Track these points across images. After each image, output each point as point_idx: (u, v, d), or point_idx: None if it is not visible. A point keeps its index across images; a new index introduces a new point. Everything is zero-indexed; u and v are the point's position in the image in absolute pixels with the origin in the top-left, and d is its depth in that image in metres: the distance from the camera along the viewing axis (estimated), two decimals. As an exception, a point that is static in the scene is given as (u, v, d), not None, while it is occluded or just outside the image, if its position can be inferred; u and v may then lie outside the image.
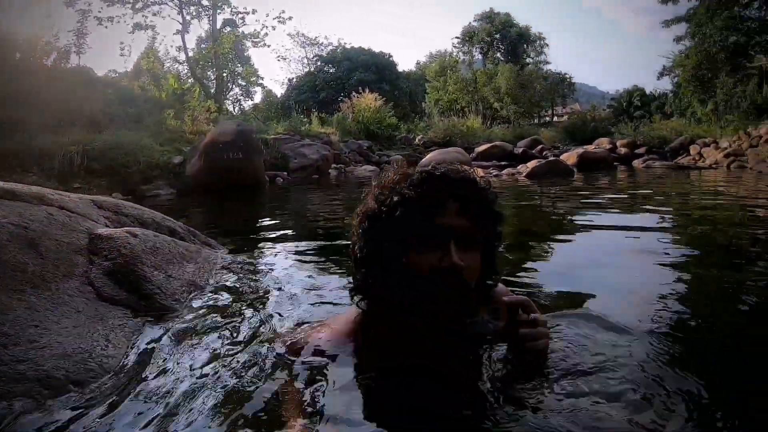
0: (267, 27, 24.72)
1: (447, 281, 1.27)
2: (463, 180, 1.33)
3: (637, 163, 16.96)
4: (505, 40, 50.59)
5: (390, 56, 51.79)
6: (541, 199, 7.61)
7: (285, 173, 12.59)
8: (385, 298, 1.35)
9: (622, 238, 4.12)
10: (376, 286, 1.37)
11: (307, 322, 1.82)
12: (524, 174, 10.97)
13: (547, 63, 48.09)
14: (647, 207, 6.34)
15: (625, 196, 7.90)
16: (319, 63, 49.53)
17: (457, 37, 52.04)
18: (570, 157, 15.06)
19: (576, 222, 5.17)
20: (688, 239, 4.14)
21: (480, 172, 6.51)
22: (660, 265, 2.91)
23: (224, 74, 26.14)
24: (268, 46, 25.33)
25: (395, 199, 1.32)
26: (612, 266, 3.16)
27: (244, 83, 33.59)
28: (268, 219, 6.15)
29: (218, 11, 24.35)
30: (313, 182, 11.89)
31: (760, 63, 23.10)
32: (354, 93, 23.14)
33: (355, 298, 1.43)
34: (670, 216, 5.57)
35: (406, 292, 1.29)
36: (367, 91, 23.08)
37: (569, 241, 4.13)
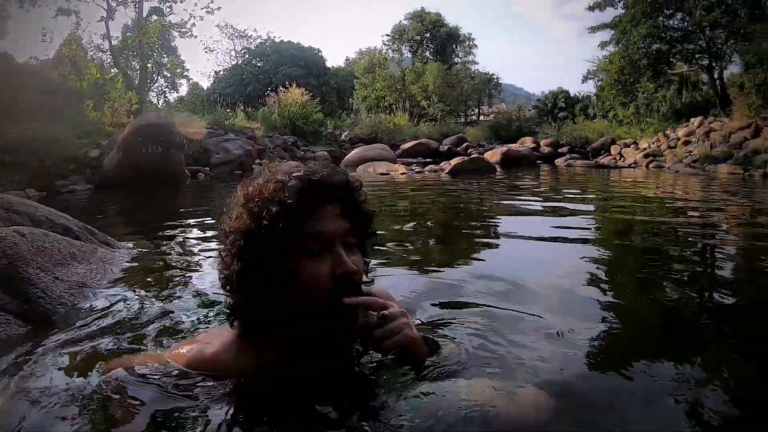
0: (195, 17, 24.03)
1: (343, 286, 1.25)
2: (341, 182, 1.32)
3: (559, 161, 17.68)
4: (434, 39, 51.30)
5: (319, 51, 51.48)
6: (461, 194, 7.77)
7: (207, 168, 12.32)
8: (270, 315, 1.27)
9: (539, 232, 4.20)
10: (260, 304, 1.28)
11: (199, 329, 1.77)
12: (446, 171, 11.17)
13: (475, 63, 49.11)
14: (565, 202, 6.63)
15: (544, 191, 8.26)
16: (247, 56, 48.64)
17: (387, 35, 52.34)
18: (494, 154, 15.52)
19: (493, 218, 5.34)
20: (605, 232, 4.37)
21: (401, 168, 6.68)
22: (581, 259, 3.05)
23: (149, 65, 25.19)
24: (195, 36, 24.62)
25: (274, 209, 1.24)
26: (530, 261, 3.24)
27: (169, 75, 32.49)
28: (183, 215, 5.97)
29: (146, -1, 23.40)
30: (236, 178, 11.66)
31: (680, 70, 24.53)
32: (281, 87, 22.88)
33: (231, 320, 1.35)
34: (590, 211, 5.86)
35: (296, 304, 1.26)
36: (294, 85, 22.85)
37: (486, 237, 4.21)
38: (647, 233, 4.43)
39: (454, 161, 11.68)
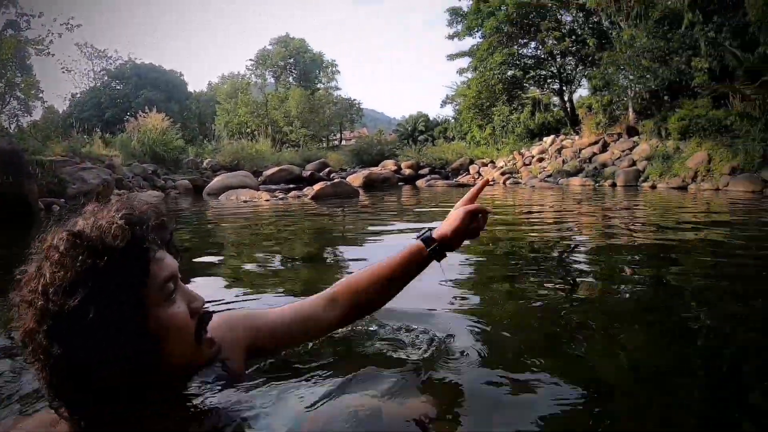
0: (53, 33, 22.51)
1: (202, 320, 1.20)
2: (162, 219, 1.20)
3: (420, 182, 18.55)
4: (298, 65, 51.95)
5: (181, 75, 50.22)
6: (324, 219, 7.99)
7: (62, 200, 11.82)
8: (114, 380, 1.03)
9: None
10: (123, 386, 1.05)
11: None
12: (309, 196, 11.35)
13: (338, 89, 50.51)
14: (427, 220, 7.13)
15: (405, 211, 8.69)
16: (106, 78, 46.21)
17: (251, 60, 52.27)
18: (356, 178, 16.15)
19: (356, 239, 5.64)
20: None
21: (265, 195, 7.08)
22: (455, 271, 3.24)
23: (1, 84, 23.12)
24: (53, 55, 22.85)
25: (100, 265, 1.01)
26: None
27: (23, 96, 29.87)
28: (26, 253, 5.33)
29: (2, 11, 21.50)
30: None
31: (533, 94, 27.01)
32: (141, 112, 22.02)
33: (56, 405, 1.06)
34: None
35: (177, 362, 1.15)
36: (154, 110, 22.08)
37: (349, 258, 4.37)
38: (509, 240, 5.00)
39: (317, 186, 11.82)
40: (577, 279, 3.32)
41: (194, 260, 4.07)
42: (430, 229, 1.54)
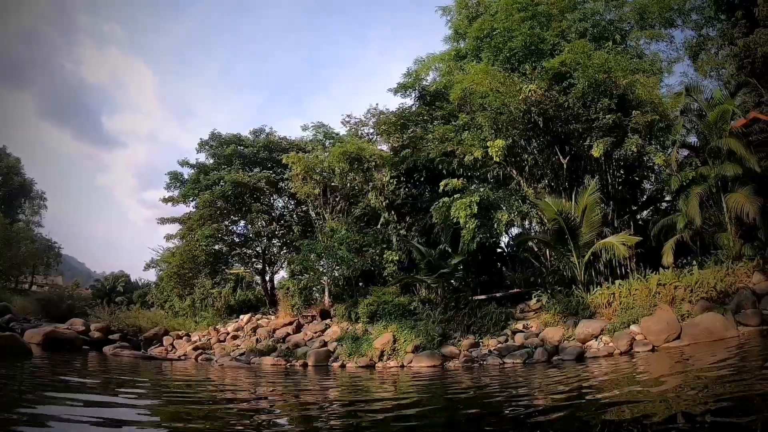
0: None
1: None
2: None
3: (107, 348, 17.03)
4: (5, 185, 46.66)
5: None
6: None
7: None
8: None
9: None
10: None
11: None
12: None
13: (41, 226, 45.93)
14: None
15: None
16: None
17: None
18: (36, 334, 14.23)
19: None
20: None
21: None
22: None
23: None
24: None
25: None
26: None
27: None
28: None
29: None
30: None
31: (238, 271, 27.54)
32: None
33: None
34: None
35: None
36: None
37: None
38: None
39: None
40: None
41: None
42: None
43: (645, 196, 20.34)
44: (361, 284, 20.63)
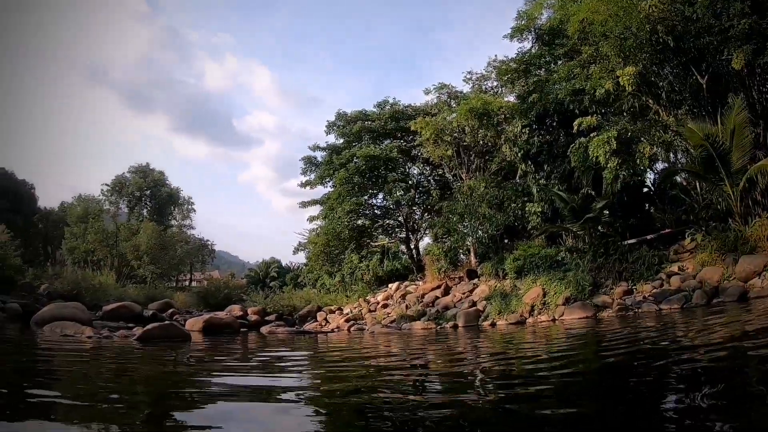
0: None
1: None
2: None
3: (264, 328, 18.06)
4: (154, 197, 50.72)
5: (32, 188, 47.08)
6: (138, 363, 7.51)
7: None
8: None
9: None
10: None
11: None
12: (136, 337, 10.74)
13: (192, 228, 49.39)
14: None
15: (236, 359, 8.51)
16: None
17: (106, 184, 50.26)
18: (196, 322, 15.47)
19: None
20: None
21: (88, 331, 6.33)
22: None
23: None
24: None
25: None
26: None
27: None
28: None
29: None
30: None
31: (382, 242, 28.06)
32: (-23, 219, 20.15)
33: None
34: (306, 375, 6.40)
35: None
36: (-5, 220, 20.30)
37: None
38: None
39: (147, 327, 11.33)
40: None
41: None
42: None
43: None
44: (506, 240, 20.13)
